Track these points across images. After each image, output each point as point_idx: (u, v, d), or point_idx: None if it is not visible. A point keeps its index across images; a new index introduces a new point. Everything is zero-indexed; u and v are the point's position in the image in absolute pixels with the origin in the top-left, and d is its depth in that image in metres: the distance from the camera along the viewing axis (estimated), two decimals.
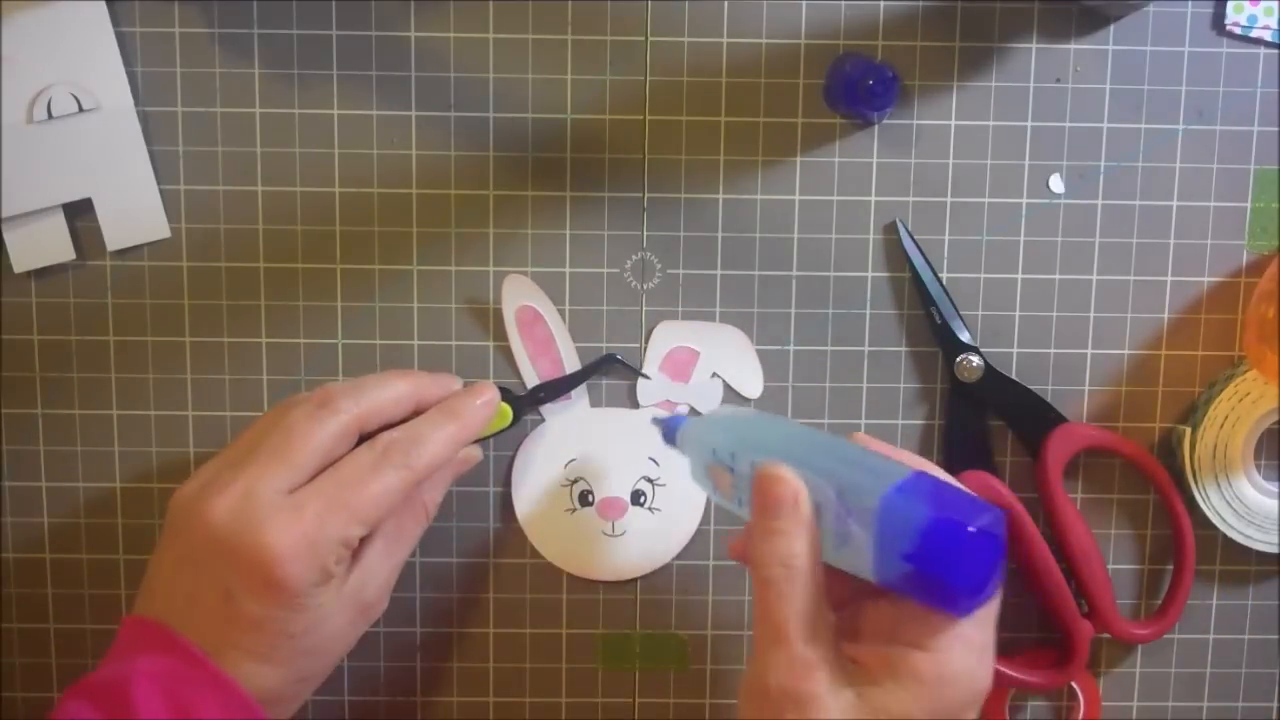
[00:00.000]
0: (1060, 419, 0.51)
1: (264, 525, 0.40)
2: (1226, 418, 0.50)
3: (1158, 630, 0.51)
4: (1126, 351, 0.51)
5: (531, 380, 0.50)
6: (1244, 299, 0.51)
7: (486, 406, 0.47)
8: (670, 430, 0.47)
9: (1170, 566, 0.52)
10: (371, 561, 0.44)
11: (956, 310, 0.50)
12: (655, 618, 0.52)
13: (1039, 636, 0.53)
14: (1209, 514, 0.51)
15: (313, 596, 0.41)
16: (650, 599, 0.52)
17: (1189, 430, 0.50)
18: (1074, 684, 0.52)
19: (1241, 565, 0.53)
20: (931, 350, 0.51)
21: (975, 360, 0.50)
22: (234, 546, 0.40)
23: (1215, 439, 0.50)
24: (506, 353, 0.51)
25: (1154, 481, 0.51)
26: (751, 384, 0.51)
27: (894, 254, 0.51)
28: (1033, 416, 0.51)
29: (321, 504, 0.41)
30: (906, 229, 0.50)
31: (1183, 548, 0.51)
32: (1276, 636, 0.53)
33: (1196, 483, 0.50)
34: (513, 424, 0.49)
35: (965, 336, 0.50)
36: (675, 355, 0.51)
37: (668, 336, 0.51)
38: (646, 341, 0.51)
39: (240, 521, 0.41)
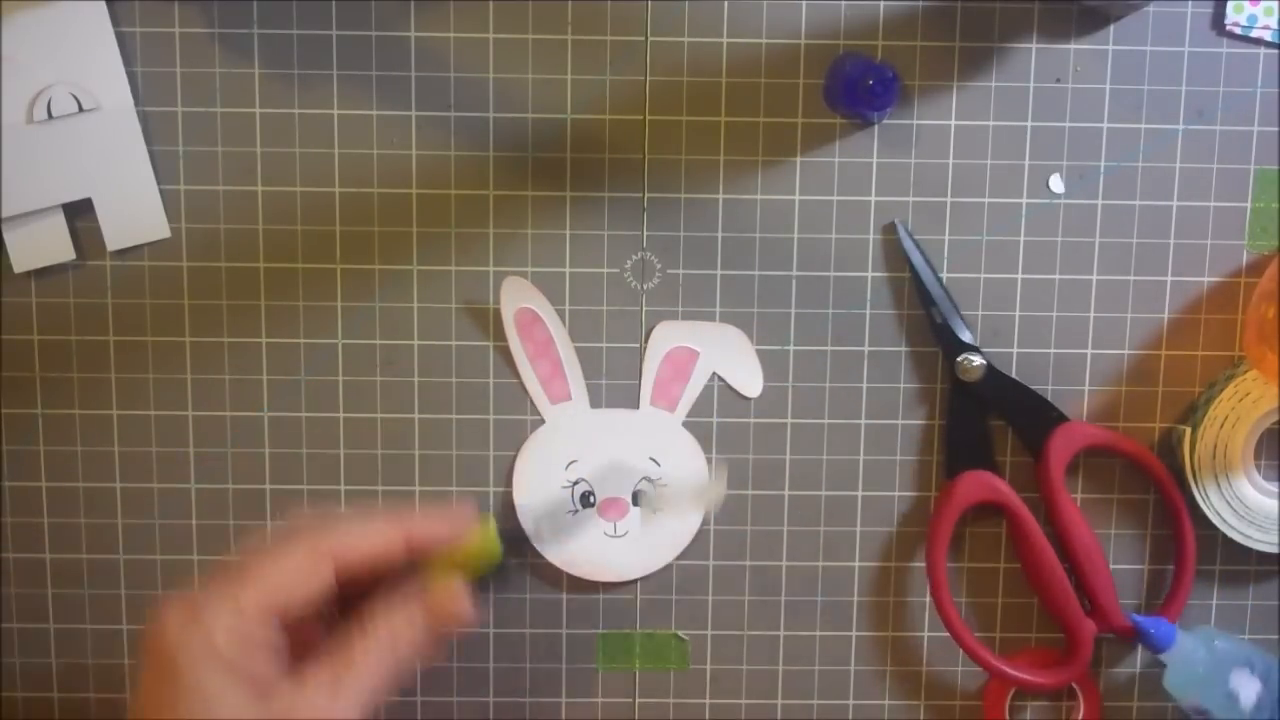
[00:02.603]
0: (1062, 418, 0.51)
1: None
2: (1226, 418, 0.50)
3: None
4: (1126, 351, 0.51)
5: (531, 381, 0.50)
6: (1244, 299, 0.51)
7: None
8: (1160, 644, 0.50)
9: (1170, 566, 0.52)
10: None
11: (957, 309, 0.50)
12: (655, 618, 0.52)
13: (1039, 637, 0.53)
14: (1209, 514, 0.51)
15: None
16: (650, 599, 0.52)
17: (1189, 430, 0.50)
18: (1074, 684, 0.52)
19: (1241, 565, 0.53)
20: (931, 350, 0.51)
21: (976, 360, 0.50)
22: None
23: (1215, 439, 0.50)
24: (506, 353, 0.51)
25: (1156, 481, 0.51)
26: (751, 384, 0.51)
27: (894, 254, 0.51)
28: (1034, 416, 0.51)
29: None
30: (906, 229, 0.50)
31: (1184, 548, 0.51)
32: (1277, 637, 0.53)
33: (1196, 483, 0.50)
34: (501, 563, 0.45)
35: (966, 336, 0.50)
36: (675, 355, 0.51)
37: (667, 336, 0.51)
38: (646, 341, 0.51)
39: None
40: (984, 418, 0.51)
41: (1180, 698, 0.51)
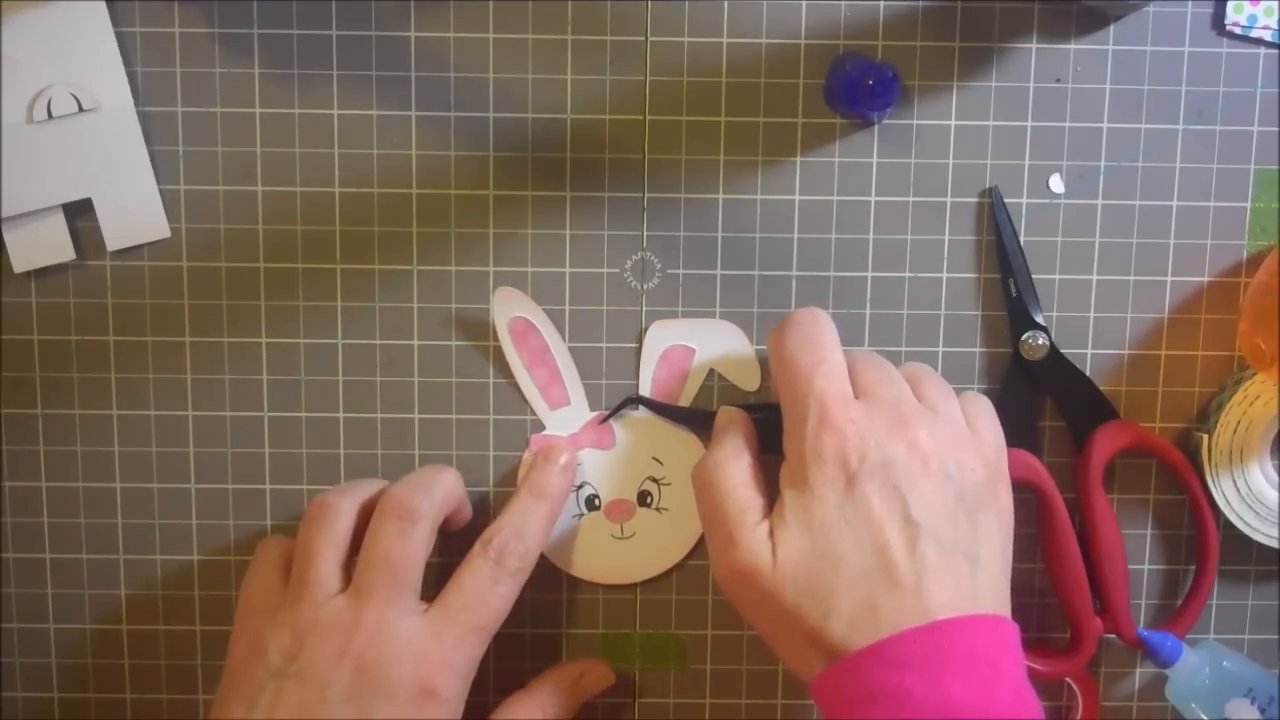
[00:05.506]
0: (1112, 414, 0.51)
1: (414, 659, 0.43)
2: (1239, 422, 0.50)
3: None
4: (1126, 352, 0.51)
5: (529, 388, 0.50)
6: (1244, 299, 0.51)
7: (566, 472, 0.49)
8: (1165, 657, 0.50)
9: (1183, 568, 0.52)
10: None
11: (1033, 286, 0.50)
12: (655, 618, 0.52)
13: (1037, 637, 0.53)
14: (1230, 517, 0.50)
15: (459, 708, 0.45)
16: (650, 599, 0.52)
17: (1206, 436, 0.50)
18: (1073, 684, 0.52)
19: (1242, 565, 0.53)
20: (931, 350, 0.51)
21: (1041, 339, 0.50)
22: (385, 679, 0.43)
23: (1230, 444, 0.50)
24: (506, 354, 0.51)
25: (1188, 489, 0.51)
26: (749, 377, 0.51)
27: (893, 254, 0.51)
28: (1085, 407, 0.51)
29: (458, 631, 0.45)
30: (1000, 194, 0.50)
31: (1206, 559, 0.51)
32: (1276, 636, 0.53)
33: (1217, 486, 0.50)
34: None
35: (1037, 314, 0.50)
36: (671, 354, 0.51)
37: (662, 336, 0.51)
38: (642, 342, 0.51)
39: (384, 653, 0.43)
40: (1036, 399, 0.51)
41: (1181, 710, 0.51)
